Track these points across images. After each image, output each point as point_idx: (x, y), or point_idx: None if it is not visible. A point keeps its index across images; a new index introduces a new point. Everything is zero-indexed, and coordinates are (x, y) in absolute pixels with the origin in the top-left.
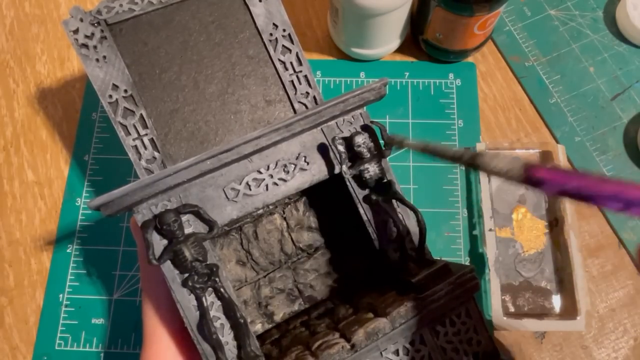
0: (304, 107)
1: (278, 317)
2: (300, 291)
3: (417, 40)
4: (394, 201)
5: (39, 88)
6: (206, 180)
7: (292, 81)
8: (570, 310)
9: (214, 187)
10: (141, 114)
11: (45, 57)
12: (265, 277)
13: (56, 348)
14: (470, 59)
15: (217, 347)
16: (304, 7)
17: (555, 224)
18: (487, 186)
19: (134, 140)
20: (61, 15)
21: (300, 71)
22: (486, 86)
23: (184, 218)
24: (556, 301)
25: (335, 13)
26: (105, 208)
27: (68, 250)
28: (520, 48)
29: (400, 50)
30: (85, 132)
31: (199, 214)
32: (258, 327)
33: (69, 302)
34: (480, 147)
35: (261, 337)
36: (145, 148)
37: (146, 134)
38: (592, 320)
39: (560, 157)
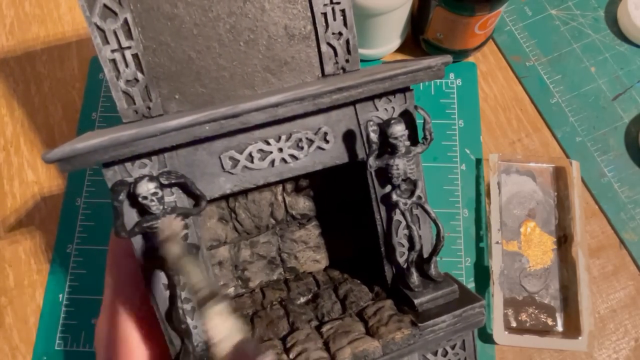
0: (332, 50)
1: (254, 284)
2: (282, 260)
3: (417, 40)
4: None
5: (39, 88)
6: (200, 142)
7: (325, 14)
8: (572, 330)
9: (208, 151)
10: (125, 19)
11: (45, 57)
12: (247, 240)
13: (56, 348)
14: (471, 59)
15: (184, 333)
16: None
17: (564, 241)
18: (497, 198)
19: (112, 52)
20: (61, 15)
21: (339, 3)
22: (487, 86)
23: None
24: (559, 319)
25: None
26: (64, 164)
27: (68, 250)
28: (521, 48)
29: (400, 50)
30: (85, 132)
31: (185, 187)
32: (230, 291)
33: (68, 302)
34: (492, 158)
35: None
36: (127, 65)
37: (129, 47)
38: (592, 320)
39: (574, 173)
